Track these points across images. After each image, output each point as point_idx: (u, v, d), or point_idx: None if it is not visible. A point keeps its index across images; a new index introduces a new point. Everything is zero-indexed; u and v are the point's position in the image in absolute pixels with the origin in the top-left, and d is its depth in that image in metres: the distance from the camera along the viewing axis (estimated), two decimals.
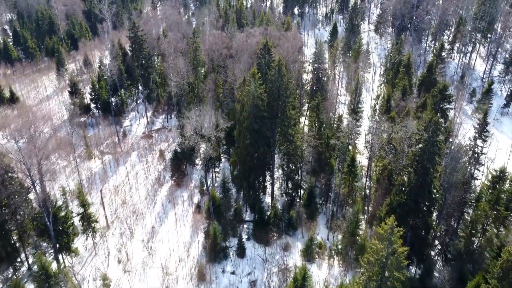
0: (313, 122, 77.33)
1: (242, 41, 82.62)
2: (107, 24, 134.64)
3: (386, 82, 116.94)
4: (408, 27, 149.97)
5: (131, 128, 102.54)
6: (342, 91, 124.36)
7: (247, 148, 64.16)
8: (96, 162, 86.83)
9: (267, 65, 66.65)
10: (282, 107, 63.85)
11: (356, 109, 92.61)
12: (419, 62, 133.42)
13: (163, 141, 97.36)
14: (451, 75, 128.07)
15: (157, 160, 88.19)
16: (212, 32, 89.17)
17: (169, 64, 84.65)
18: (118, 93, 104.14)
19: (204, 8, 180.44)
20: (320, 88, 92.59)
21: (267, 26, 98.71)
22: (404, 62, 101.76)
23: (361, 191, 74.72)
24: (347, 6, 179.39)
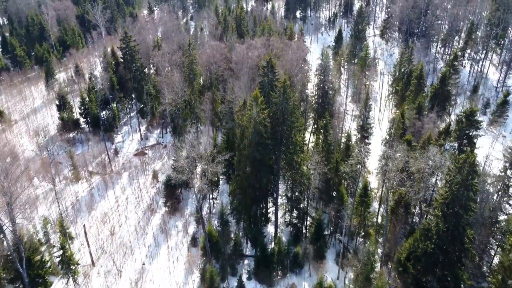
0: (321, 144, 69.52)
1: (242, 54, 74.78)
2: (100, 30, 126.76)
3: (395, 93, 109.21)
4: (415, 33, 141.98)
5: (123, 144, 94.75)
6: (348, 100, 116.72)
7: (248, 179, 56.47)
8: (83, 186, 79.05)
9: (271, 84, 58.89)
10: (288, 133, 56.10)
11: (365, 126, 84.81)
12: (428, 70, 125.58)
13: (157, 158, 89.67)
14: (463, 84, 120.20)
15: (150, 182, 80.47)
16: (210, 43, 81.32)
17: (163, 78, 76.85)
18: (110, 107, 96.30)
19: (203, 11, 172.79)
20: (327, 103, 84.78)
21: (269, 36, 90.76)
22: (416, 74, 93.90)
23: (373, 217, 66.92)
24: (351, 10, 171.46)
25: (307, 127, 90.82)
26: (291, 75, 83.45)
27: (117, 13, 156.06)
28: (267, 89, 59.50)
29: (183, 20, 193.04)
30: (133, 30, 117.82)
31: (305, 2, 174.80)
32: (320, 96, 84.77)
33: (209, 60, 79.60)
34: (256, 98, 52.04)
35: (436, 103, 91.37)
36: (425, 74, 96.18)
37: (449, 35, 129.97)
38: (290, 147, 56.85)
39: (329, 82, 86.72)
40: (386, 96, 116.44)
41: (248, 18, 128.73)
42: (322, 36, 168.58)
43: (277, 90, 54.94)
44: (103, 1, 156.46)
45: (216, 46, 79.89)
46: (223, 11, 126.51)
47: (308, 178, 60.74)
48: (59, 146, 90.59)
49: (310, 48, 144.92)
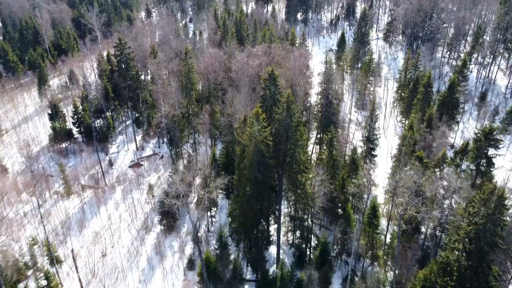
0: (326, 160, 65.05)
1: (242, 63, 70.21)
2: (96, 34, 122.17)
3: (400, 99, 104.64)
4: (420, 36, 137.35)
5: (118, 155, 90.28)
6: (352, 105, 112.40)
7: (248, 201, 52.02)
8: (75, 201, 74.60)
9: (273, 97, 54.41)
10: (291, 152, 51.64)
11: (371, 137, 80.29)
12: (434, 75, 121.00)
13: (153, 170, 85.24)
14: (470, 90, 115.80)
15: (145, 197, 76.01)
16: (208, 50, 76.76)
17: (159, 88, 72.39)
18: (104, 115, 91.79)
19: (202, 13, 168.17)
20: (331, 113, 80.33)
21: (271, 43, 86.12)
22: (424, 82, 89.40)
23: (380, 235, 62.42)
24: (353, 12, 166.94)
25: (310, 138, 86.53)
26: (293, 83, 79.12)
27: (114, 16, 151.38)
28: (269, 103, 55.04)
29: (182, 22, 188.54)
30: (129, 35, 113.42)
31: (306, 4, 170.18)
32: (324, 106, 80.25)
33: (207, 68, 75.09)
34: (257, 115, 47.58)
35: (444, 112, 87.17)
36: (433, 82, 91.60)
37: (455, 39, 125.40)
38: (294, 166, 52.38)
39: (333, 91, 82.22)
40: (391, 103, 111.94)
41: (248, 21, 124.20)
42: (324, 39, 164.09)
43: (280, 106, 50.45)
44: (100, 3, 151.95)
45: (215, 54, 75.34)
46: (223, 15, 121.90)
47: (312, 198, 56.29)
48: (50, 158, 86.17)
49: (312, 51, 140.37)
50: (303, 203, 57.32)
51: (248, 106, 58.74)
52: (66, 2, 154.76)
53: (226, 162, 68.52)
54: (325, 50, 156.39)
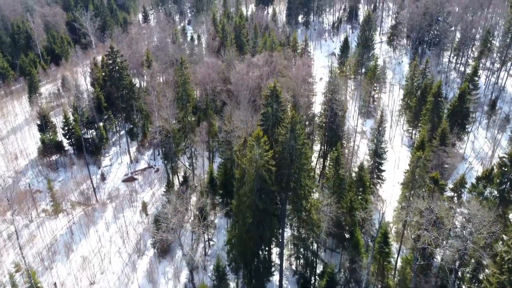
0: (332, 180, 59.88)
1: (242, 74, 65.00)
2: (90, 39, 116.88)
3: (407, 108, 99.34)
4: (425, 40, 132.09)
5: (111, 168, 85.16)
6: (355, 112, 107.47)
7: (248, 230, 46.92)
8: (63, 221, 69.47)
9: (275, 115, 49.28)
10: (296, 177, 46.50)
11: (379, 151, 75.13)
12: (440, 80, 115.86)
13: (148, 185, 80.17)
14: (479, 95, 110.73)
15: (138, 216, 70.91)
16: (205, 60, 71.53)
17: (153, 100, 67.27)
18: (97, 126, 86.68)
19: (201, 16, 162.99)
20: (336, 125, 75.17)
21: (272, 51, 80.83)
22: (434, 91, 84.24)
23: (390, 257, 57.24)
24: (356, 15, 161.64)
25: (313, 151, 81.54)
26: (295, 93, 74.06)
27: (110, 19, 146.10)
28: (270, 121, 49.90)
29: (180, 25, 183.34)
30: (125, 40, 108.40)
31: (308, 6, 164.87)
32: (329, 118, 75.04)
33: (204, 79, 69.94)
34: (258, 138, 42.45)
35: (454, 122, 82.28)
36: (443, 92, 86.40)
37: (462, 44, 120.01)
38: (299, 192, 47.26)
39: (338, 101, 76.99)
40: (397, 111, 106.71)
41: (248, 25, 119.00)
42: (326, 42, 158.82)
43: (284, 127, 45.28)
44: (95, 6, 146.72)
45: (212, 64, 70.08)
46: (222, 19, 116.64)
47: (318, 225, 51.19)
48: (39, 172, 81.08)
49: (313, 55, 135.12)
50: (307, 229, 52.24)
51: (248, 123, 53.54)
52: (61, 5, 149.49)
53: (225, 180, 63.42)
54: (327, 54, 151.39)
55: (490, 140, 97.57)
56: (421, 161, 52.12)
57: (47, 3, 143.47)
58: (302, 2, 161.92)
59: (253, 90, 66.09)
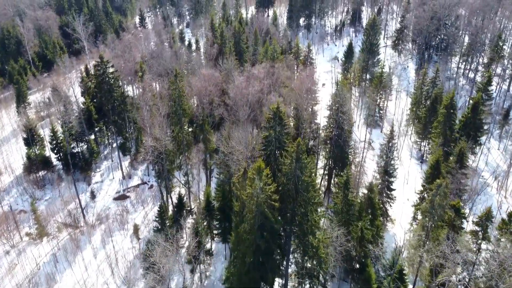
0: (340, 204, 54.03)
1: (241, 88, 59.03)
2: (83, 44, 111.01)
3: (416, 119, 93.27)
4: (432, 45, 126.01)
5: (102, 185, 79.30)
6: (360, 121, 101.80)
7: (248, 272, 40.99)
8: (46, 247, 63.56)
9: (278, 139, 43.36)
10: (302, 211, 40.61)
11: (389, 169, 69.19)
12: (448, 87, 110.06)
13: (140, 203, 74.35)
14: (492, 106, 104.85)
15: (129, 241, 65.04)
16: (202, 72, 65.51)
17: (145, 115, 61.38)
18: (87, 139, 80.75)
19: (200, 18, 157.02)
20: (343, 141, 69.26)
21: (273, 61, 74.72)
22: (446, 103, 78.31)
23: None
24: (360, 18, 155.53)
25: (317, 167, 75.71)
26: (298, 106, 68.21)
27: (105, 23, 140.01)
28: (273, 146, 43.97)
29: (178, 28, 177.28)
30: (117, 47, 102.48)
31: (309, 9, 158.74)
32: (335, 136, 69.06)
33: (201, 92, 64.00)
34: (260, 170, 36.57)
35: (468, 136, 76.58)
36: (456, 103, 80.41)
37: (472, 49, 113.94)
38: (306, 228, 41.38)
39: (345, 114, 70.99)
40: (405, 121, 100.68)
41: (248, 30, 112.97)
42: (328, 46, 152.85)
43: (289, 155, 39.39)
44: (90, 10, 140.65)
45: (209, 76, 64.12)
46: (220, 24, 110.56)
47: (326, 261, 45.34)
48: (24, 190, 75.22)
49: (316, 59, 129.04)
50: (315, 264, 46.43)
51: (248, 145, 47.62)
52: (55, 8, 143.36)
53: (223, 204, 57.53)
54: (330, 58, 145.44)
55: (503, 152, 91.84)
56: (441, 190, 46.20)
57: (40, 7, 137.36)
58: (303, 4, 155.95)
59: (254, 104, 60.16)
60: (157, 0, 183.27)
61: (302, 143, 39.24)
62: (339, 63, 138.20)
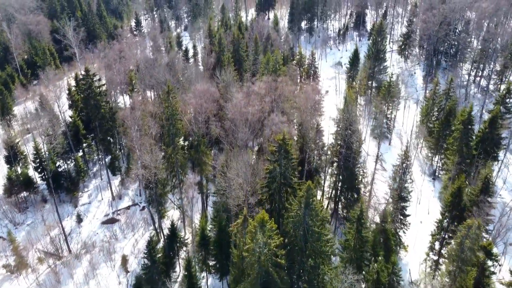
0: (352, 240, 47.31)
1: (240, 107, 52.12)
2: (74, 51, 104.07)
3: (428, 132, 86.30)
4: (441, 51, 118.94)
5: (89, 207, 72.57)
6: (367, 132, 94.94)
7: None
8: (23, 284, 56.75)
9: (284, 175, 36.54)
10: (312, 264, 33.80)
11: (403, 193, 62.37)
12: (459, 96, 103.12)
13: (131, 228, 67.63)
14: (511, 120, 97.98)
15: (116, 276, 58.29)
16: (197, 88, 58.55)
17: (133, 137, 54.58)
18: (74, 157, 74.01)
19: (198, 21, 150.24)
20: (351, 163, 62.43)
21: (275, 73, 67.72)
22: (463, 118, 71.56)
23: None
24: (364, 21, 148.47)
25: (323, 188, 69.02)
26: (303, 123, 61.44)
27: (99, 27, 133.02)
28: (278, 182, 37.15)
29: (176, 31, 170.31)
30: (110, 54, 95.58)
31: (312, 11, 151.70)
32: (343, 159, 62.17)
33: (196, 110, 57.16)
34: (263, 223, 29.78)
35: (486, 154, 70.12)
36: (474, 119, 73.55)
37: (484, 56, 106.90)
38: (316, 284, 34.57)
39: (355, 133, 64.13)
40: (415, 133, 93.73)
41: (248, 35, 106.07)
42: (331, 50, 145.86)
43: (296, 201, 32.57)
44: (84, 13, 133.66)
45: (205, 92, 57.16)
46: (219, 29, 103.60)
47: None
48: (3, 214, 68.45)
49: (319, 65, 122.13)
50: None
51: (247, 179, 40.82)
52: (46, 12, 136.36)
53: (219, 238, 50.76)
54: (333, 63, 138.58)
55: None
56: (473, 232, 39.43)
57: (31, 10, 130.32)
58: (305, 7, 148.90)
59: (254, 123, 53.34)
60: (154, 3, 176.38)
61: (312, 185, 32.42)
62: (342, 69, 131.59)
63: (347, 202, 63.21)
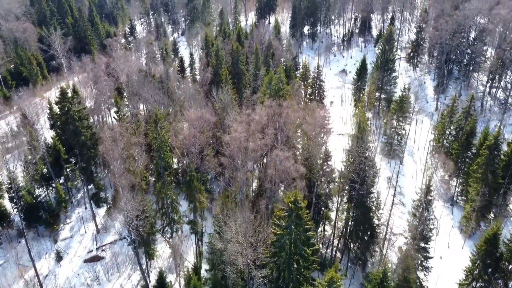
0: None
1: (239, 141, 43.69)
2: (61, 61, 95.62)
3: (449, 155, 77.74)
4: (452, 59, 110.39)
5: (71, 242, 64.30)
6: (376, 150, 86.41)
7: None
8: None
9: (295, 244, 28.18)
10: None
11: (424, 232, 54.12)
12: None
13: (116, 268, 59.35)
14: None
15: None
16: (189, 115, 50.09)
17: (116, 173, 46.23)
18: (54, 185, 65.71)
19: (196, 26, 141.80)
20: (366, 197, 54.15)
21: (278, 94, 59.09)
22: (489, 143, 63.28)
23: None
24: (369, 27, 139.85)
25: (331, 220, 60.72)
26: (311, 154, 53.08)
27: (91, 33, 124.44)
28: (287, 253, 28.75)
29: (172, 36, 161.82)
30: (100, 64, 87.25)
31: (314, 16, 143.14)
32: (357, 188, 53.89)
33: (188, 140, 48.77)
34: None
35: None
36: (501, 143, 65.22)
37: (502, 65, 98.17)
38: None
39: (369, 162, 55.74)
40: (428, 153, 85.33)
41: (248, 43, 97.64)
42: (335, 57, 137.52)
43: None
44: (74, 19, 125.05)
45: (197, 119, 48.60)
46: (217, 38, 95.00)
47: None
48: None
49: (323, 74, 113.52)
50: None
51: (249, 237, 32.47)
52: (35, 17, 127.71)
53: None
54: (338, 71, 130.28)
55: None
56: None
57: (17, 17, 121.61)
58: (307, 12, 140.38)
59: (256, 159, 45.00)
60: (150, 6, 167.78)
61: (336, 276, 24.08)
62: (347, 77, 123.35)
63: (361, 243, 55.01)
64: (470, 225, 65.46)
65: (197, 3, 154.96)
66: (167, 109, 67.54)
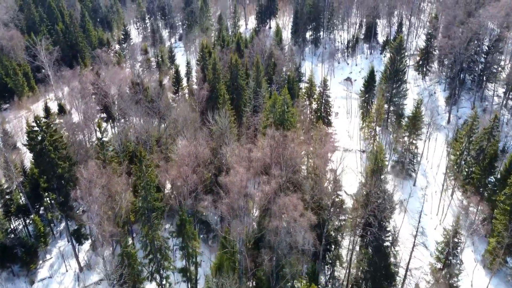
0: None
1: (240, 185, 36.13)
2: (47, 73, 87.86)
3: (468, 178, 70.15)
4: (464, 68, 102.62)
5: (50, 282, 56.71)
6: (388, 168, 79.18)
7: None
8: None
9: None
10: None
11: (451, 280, 46.53)
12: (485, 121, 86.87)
13: None
14: None
15: None
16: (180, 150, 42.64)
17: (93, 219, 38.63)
18: (31, 217, 58.12)
19: (194, 31, 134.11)
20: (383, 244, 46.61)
21: (284, 123, 51.40)
22: None
23: None
24: (375, 33, 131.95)
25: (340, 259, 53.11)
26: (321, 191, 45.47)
27: (82, 40, 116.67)
28: None
29: (169, 41, 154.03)
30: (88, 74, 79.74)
31: (317, 21, 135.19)
32: (374, 232, 46.32)
33: (179, 178, 41.23)
34: None
35: None
36: None
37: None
38: None
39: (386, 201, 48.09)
40: (444, 174, 77.63)
41: (247, 52, 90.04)
42: (339, 64, 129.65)
43: None
44: (66, 25, 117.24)
45: (190, 153, 41.05)
46: (215, 47, 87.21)
47: None
48: None
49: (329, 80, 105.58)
50: None
51: None
52: (24, 23, 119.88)
53: None
54: (342, 80, 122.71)
55: None
56: None
57: (5, 24, 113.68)
58: (310, 16, 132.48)
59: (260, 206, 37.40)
60: (146, 10, 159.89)
61: None
62: (353, 87, 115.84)
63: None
64: (496, 262, 57.99)
65: (195, 7, 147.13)
66: (158, 131, 59.89)
